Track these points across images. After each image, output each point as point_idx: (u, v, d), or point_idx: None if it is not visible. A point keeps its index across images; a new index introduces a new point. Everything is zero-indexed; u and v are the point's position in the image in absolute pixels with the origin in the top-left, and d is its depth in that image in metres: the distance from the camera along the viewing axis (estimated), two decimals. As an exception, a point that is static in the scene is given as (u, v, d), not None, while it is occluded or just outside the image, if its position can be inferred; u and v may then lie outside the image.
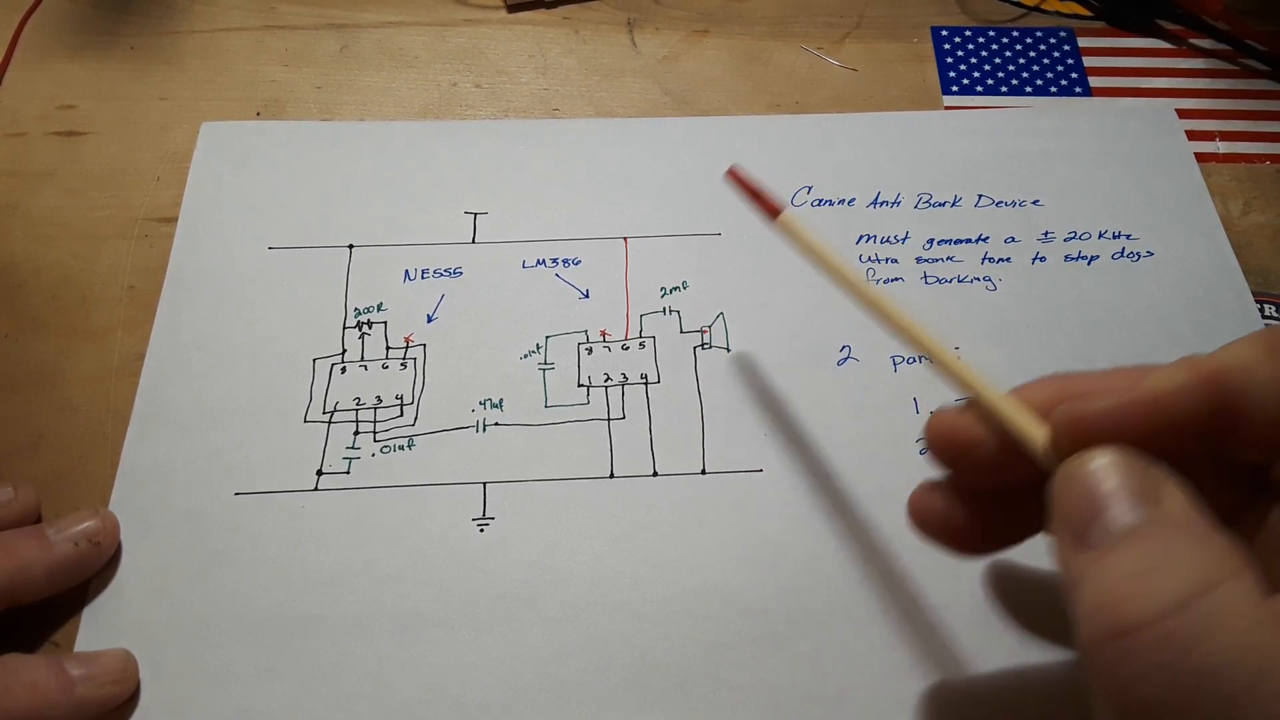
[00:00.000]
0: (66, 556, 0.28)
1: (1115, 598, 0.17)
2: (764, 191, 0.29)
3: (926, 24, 0.44)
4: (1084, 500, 0.19)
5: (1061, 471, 0.20)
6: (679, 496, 0.32)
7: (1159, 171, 0.39)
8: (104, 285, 0.36)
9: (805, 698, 0.28)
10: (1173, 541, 0.18)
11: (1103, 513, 0.19)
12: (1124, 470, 0.19)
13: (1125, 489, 0.19)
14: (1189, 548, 0.18)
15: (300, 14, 0.44)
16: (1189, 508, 0.19)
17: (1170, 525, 0.18)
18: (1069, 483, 0.20)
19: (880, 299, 0.25)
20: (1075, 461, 0.20)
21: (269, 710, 0.28)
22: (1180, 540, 0.18)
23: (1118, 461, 0.19)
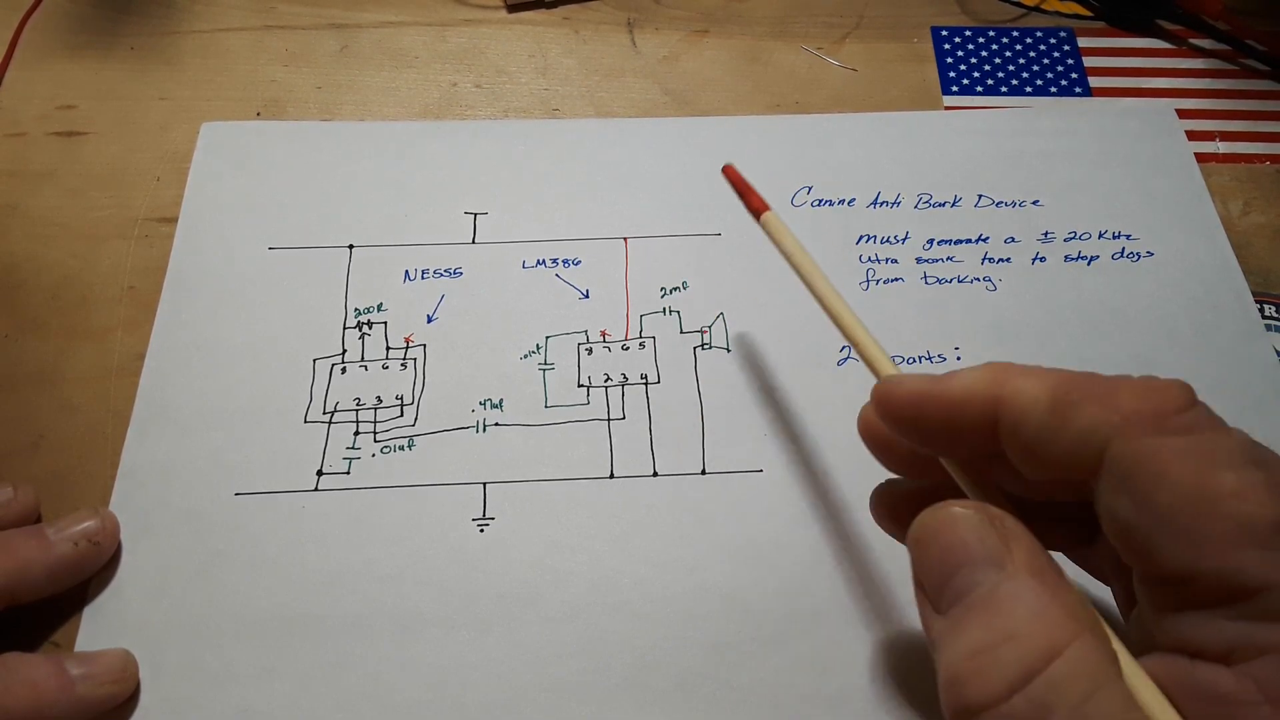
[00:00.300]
0: (66, 556, 0.28)
1: (960, 676, 0.18)
2: (753, 190, 0.30)
3: (926, 24, 0.44)
4: (935, 563, 0.20)
5: (916, 525, 0.21)
6: (679, 496, 0.32)
7: (1159, 171, 0.39)
8: (104, 285, 0.36)
9: (805, 698, 0.28)
10: (1014, 611, 0.18)
11: (951, 579, 0.19)
12: (973, 528, 0.20)
13: (973, 549, 0.19)
14: (1030, 618, 0.18)
15: (300, 14, 0.44)
16: (1033, 568, 0.19)
17: (1011, 595, 0.19)
18: (921, 540, 0.20)
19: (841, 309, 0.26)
20: (924, 518, 0.21)
21: (269, 710, 0.28)
22: (1022, 608, 0.18)
23: (967, 518, 0.20)
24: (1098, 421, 0.19)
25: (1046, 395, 0.20)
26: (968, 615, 0.19)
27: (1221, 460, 0.18)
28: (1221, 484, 0.18)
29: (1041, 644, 0.18)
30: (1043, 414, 0.20)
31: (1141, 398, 0.19)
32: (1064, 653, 0.17)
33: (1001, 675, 0.18)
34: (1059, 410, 0.20)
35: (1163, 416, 0.19)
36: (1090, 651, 0.18)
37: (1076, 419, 0.19)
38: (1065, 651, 0.17)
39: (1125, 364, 0.35)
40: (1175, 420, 0.19)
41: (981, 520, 0.20)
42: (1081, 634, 0.18)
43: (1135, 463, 0.19)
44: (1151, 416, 0.19)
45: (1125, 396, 0.19)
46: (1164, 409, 0.19)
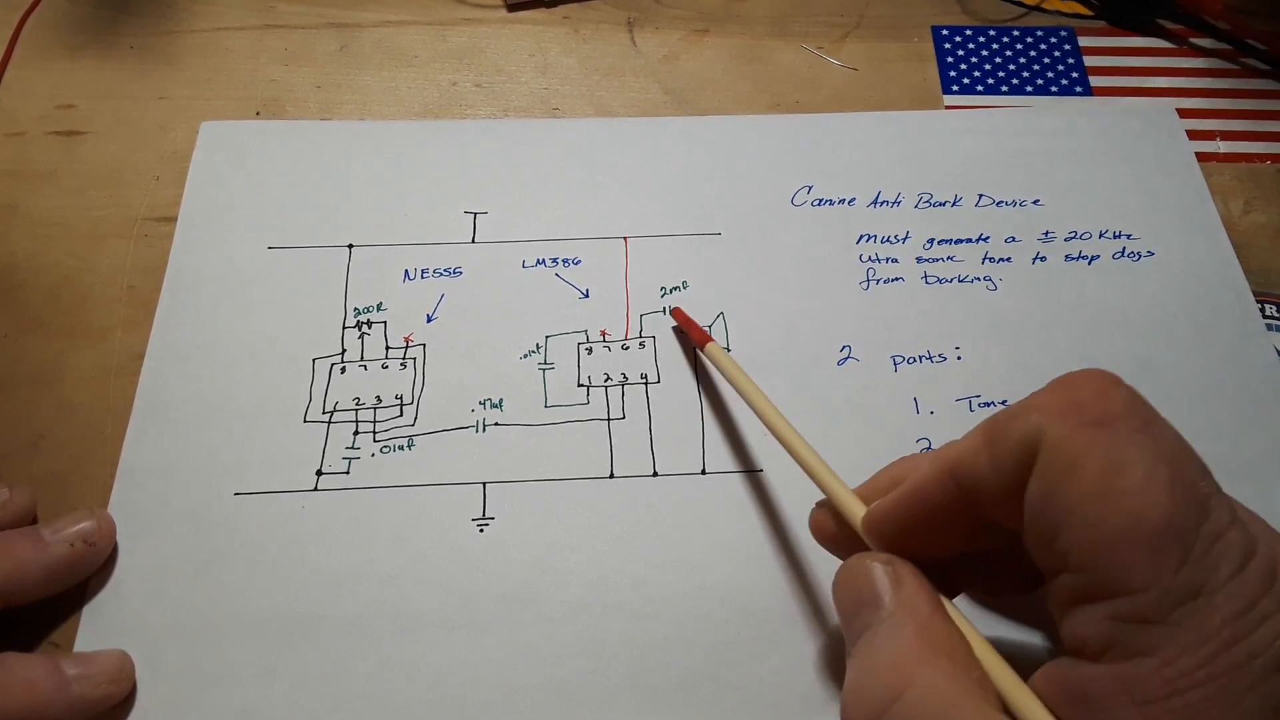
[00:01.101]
0: (62, 557, 0.28)
1: (845, 704, 0.21)
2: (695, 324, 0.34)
3: (927, 23, 0.44)
4: (843, 613, 0.23)
5: (832, 584, 0.24)
6: (679, 496, 0.31)
7: (1160, 171, 0.39)
8: (103, 285, 0.36)
9: (805, 698, 0.28)
10: (884, 645, 0.21)
11: (852, 621, 0.22)
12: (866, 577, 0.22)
13: (863, 595, 0.22)
14: (895, 650, 0.20)
15: (300, 13, 0.44)
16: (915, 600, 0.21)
17: (888, 629, 0.21)
18: (835, 595, 0.23)
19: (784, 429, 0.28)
20: (841, 569, 0.23)
21: (269, 710, 0.28)
22: (891, 643, 0.21)
23: (863, 567, 0.22)
24: (1025, 430, 0.20)
25: (980, 437, 0.21)
26: (854, 655, 0.21)
27: (1130, 455, 0.18)
28: (1125, 479, 0.18)
29: (897, 675, 0.20)
30: (983, 455, 0.21)
31: (1059, 392, 0.20)
32: (916, 682, 0.19)
33: (869, 703, 0.20)
34: (993, 441, 0.20)
35: (1079, 405, 0.19)
36: (943, 678, 0.19)
37: (1009, 439, 0.20)
38: (917, 680, 0.19)
39: (1125, 364, 0.35)
40: (1091, 407, 0.19)
41: (877, 566, 0.22)
42: (935, 662, 0.20)
43: (1052, 452, 0.19)
44: (1071, 406, 0.19)
45: (1043, 397, 0.20)
46: (1079, 398, 0.19)
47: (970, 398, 0.34)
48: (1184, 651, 0.17)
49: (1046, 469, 0.19)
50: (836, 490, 0.25)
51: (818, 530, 0.26)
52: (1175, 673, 0.17)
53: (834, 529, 0.26)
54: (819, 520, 0.26)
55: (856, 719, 0.20)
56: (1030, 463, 0.19)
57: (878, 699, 0.20)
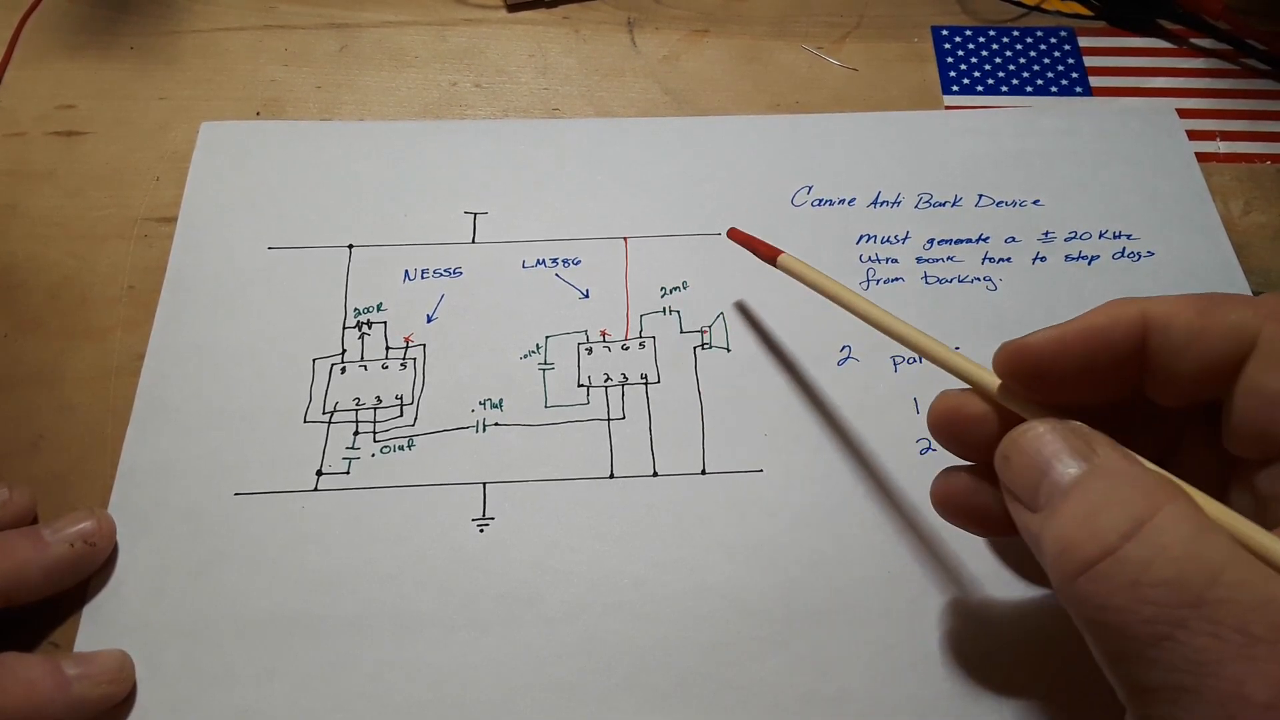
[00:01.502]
0: (62, 557, 0.28)
1: (1071, 542, 0.20)
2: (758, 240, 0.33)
3: (927, 24, 0.44)
4: (1026, 468, 0.21)
5: (1001, 447, 0.23)
6: (679, 496, 0.31)
7: (1160, 171, 0.39)
8: (103, 285, 0.36)
9: (805, 698, 0.28)
10: (1110, 485, 0.20)
11: (1045, 475, 0.21)
12: (1057, 434, 0.21)
13: (1060, 450, 0.21)
14: (1126, 487, 0.20)
15: (300, 13, 0.44)
16: (1119, 456, 0.21)
17: (1105, 473, 0.20)
18: (1009, 456, 0.22)
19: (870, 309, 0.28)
20: (1011, 435, 0.22)
21: (268, 710, 0.28)
22: (1117, 482, 0.20)
23: (1051, 428, 0.22)
24: (1245, 316, 0.21)
25: (1191, 304, 0.22)
26: (1066, 497, 0.20)
27: None
28: None
29: (1143, 502, 0.19)
30: (1190, 318, 0.21)
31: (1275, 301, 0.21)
32: (1164, 508, 0.19)
33: (1111, 527, 0.19)
34: (1207, 312, 0.21)
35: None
36: (1190, 507, 0.19)
37: (1224, 317, 0.21)
38: (1166, 507, 0.19)
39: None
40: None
41: (1064, 426, 0.21)
42: (1178, 497, 0.19)
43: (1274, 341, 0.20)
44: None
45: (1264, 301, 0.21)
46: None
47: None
48: None
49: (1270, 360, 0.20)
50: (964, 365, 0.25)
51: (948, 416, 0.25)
52: None
53: (973, 408, 0.24)
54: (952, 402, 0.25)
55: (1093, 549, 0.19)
56: (1236, 346, 0.21)
57: (1121, 524, 0.19)
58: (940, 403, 0.25)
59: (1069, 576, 0.19)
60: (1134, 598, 0.18)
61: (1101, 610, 0.19)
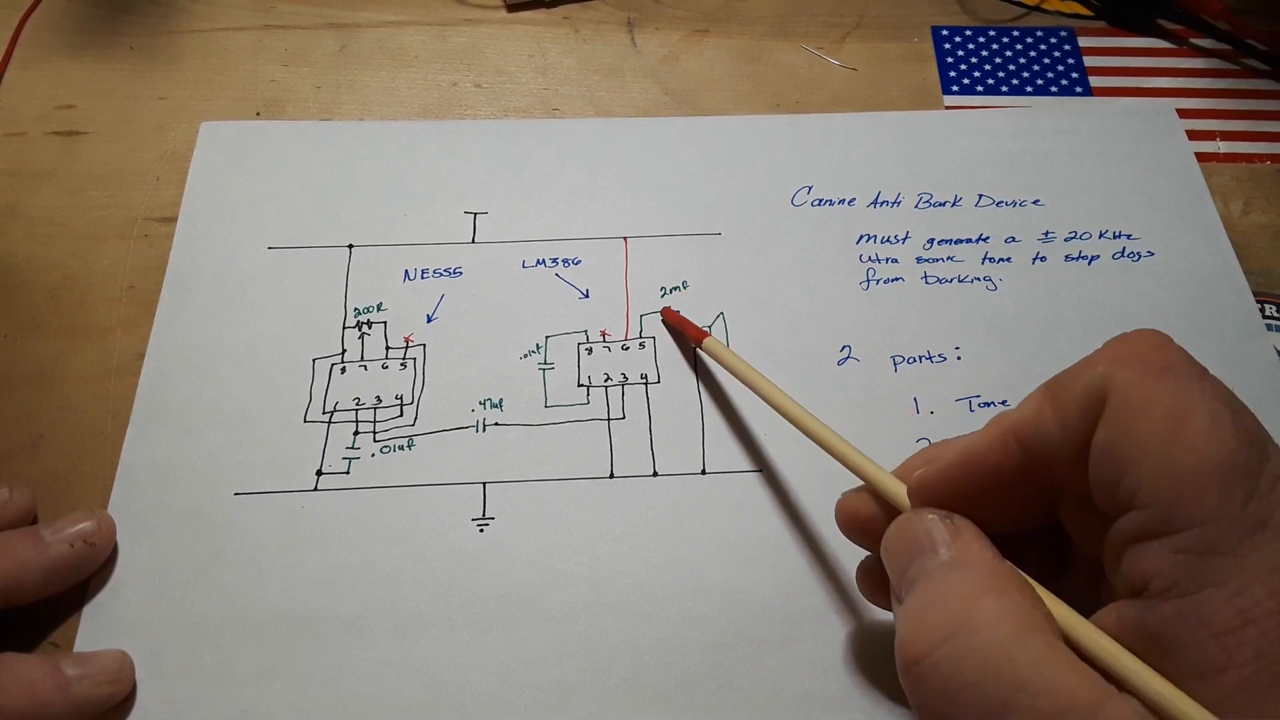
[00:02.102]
0: (62, 558, 0.28)
1: (904, 636, 0.20)
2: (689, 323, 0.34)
3: (927, 24, 0.44)
4: (896, 560, 0.22)
5: (884, 540, 0.23)
6: (679, 496, 0.32)
7: (1160, 171, 0.39)
8: (103, 285, 0.36)
9: (805, 698, 0.28)
10: (949, 580, 0.21)
11: (907, 568, 0.22)
12: (923, 526, 0.22)
13: (921, 542, 0.22)
14: (960, 581, 0.20)
15: (300, 13, 0.44)
16: (975, 547, 0.21)
17: (950, 567, 0.21)
18: (888, 546, 0.23)
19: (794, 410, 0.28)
20: (890, 529, 0.23)
21: (268, 710, 0.28)
22: (956, 578, 0.21)
23: (918, 516, 0.22)
24: (1090, 382, 0.20)
25: (1041, 397, 0.22)
26: (910, 597, 0.21)
27: (1194, 399, 0.19)
28: (1192, 420, 0.19)
29: (966, 601, 0.20)
30: (1047, 412, 0.21)
31: (1118, 346, 0.21)
32: (986, 605, 0.19)
33: (932, 629, 0.20)
34: (1057, 397, 0.21)
35: (1142, 356, 0.20)
36: (1013, 606, 0.19)
37: (1074, 391, 0.21)
38: (988, 604, 0.19)
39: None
40: (1153, 357, 0.20)
41: (935, 517, 0.22)
42: (1007, 592, 0.20)
43: (1121, 397, 0.20)
44: (1133, 357, 0.20)
45: (1103, 353, 0.21)
46: (1140, 350, 0.21)
47: (970, 398, 0.34)
48: (1254, 580, 0.17)
49: (1115, 414, 0.20)
50: (870, 470, 0.25)
51: (849, 517, 0.25)
52: (1248, 601, 0.17)
53: (869, 513, 0.25)
54: (850, 506, 0.25)
55: (916, 648, 0.20)
56: (1096, 412, 0.20)
57: (942, 624, 0.19)
58: (840, 505, 0.26)
59: (901, 670, 0.20)
60: (945, 700, 0.19)
61: (922, 709, 0.20)
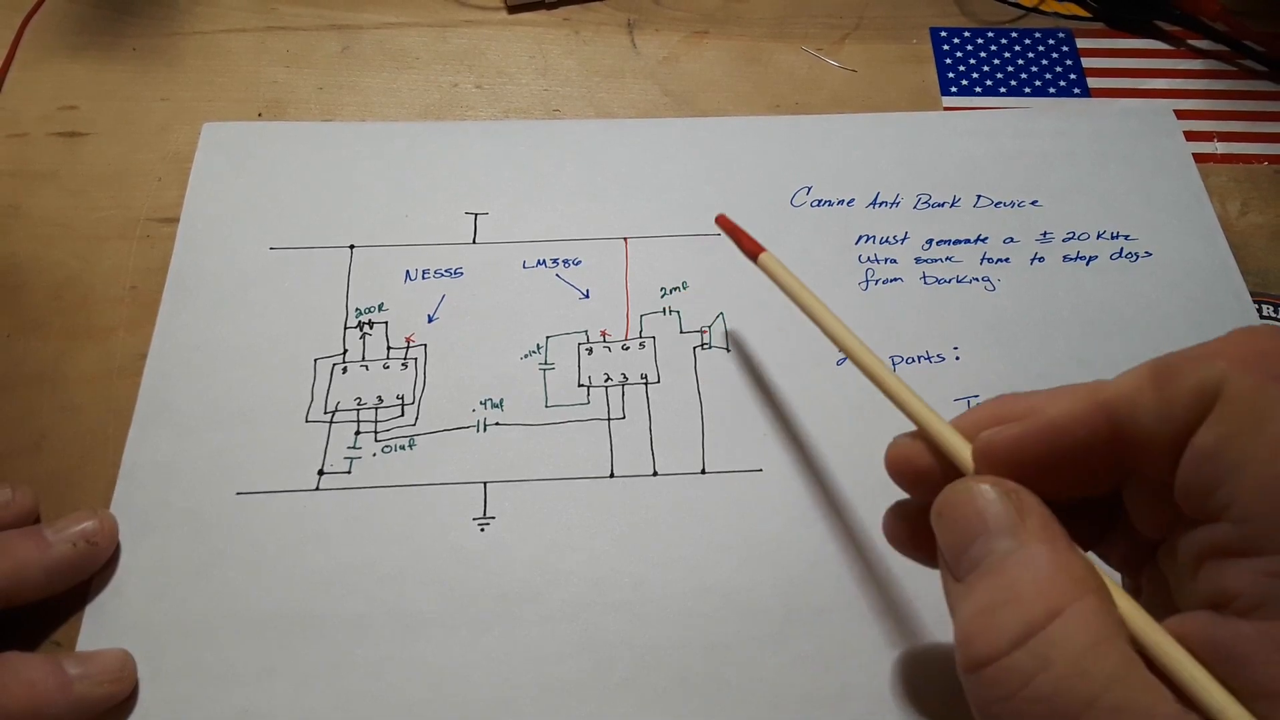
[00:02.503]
0: (64, 557, 0.28)
1: (969, 633, 0.19)
2: (745, 234, 0.32)
3: (926, 25, 0.44)
4: (955, 530, 0.21)
5: (936, 503, 0.22)
6: (679, 496, 0.32)
7: (1157, 172, 0.39)
8: (105, 285, 0.36)
9: (805, 697, 0.28)
10: (1021, 576, 0.19)
11: (969, 546, 0.20)
12: (989, 498, 0.20)
13: (989, 518, 0.20)
14: (1035, 580, 0.19)
15: (301, 15, 0.44)
16: (1045, 537, 0.20)
17: (1021, 560, 0.20)
18: (943, 514, 0.21)
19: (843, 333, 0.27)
20: (945, 493, 0.21)
21: (269, 710, 0.28)
22: (1028, 573, 0.19)
23: (984, 489, 0.21)
24: (1205, 376, 0.19)
25: (1146, 377, 0.20)
26: (980, 580, 0.20)
27: None
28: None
29: (1042, 605, 0.18)
30: (1149, 395, 0.20)
31: (1243, 342, 0.19)
32: (1064, 612, 0.18)
33: (1004, 631, 0.18)
34: (1164, 383, 0.20)
35: (1266, 357, 0.19)
36: (1091, 612, 0.18)
37: (1185, 382, 0.19)
38: (1066, 611, 0.18)
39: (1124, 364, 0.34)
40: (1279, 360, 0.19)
41: (998, 492, 0.20)
42: (1084, 596, 0.18)
43: (1236, 401, 0.18)
44: (1257, 356, 0.19)
45: (1224, 345, 0.19)
46: (1266, 349, 0.19)
47: (969, 398, 0.34)
48: None
49: (1227, 416, 0.18)
50: (932, 421, 0.23)
51: (901, 464, 0.24)
52: None
53: (924, 464, 0.23)
54: (904, 453, 0.24)
55: (984, 650, 0.19)
56: (1205, 409, 0.19)
57: (1015, 627, 0.18)
58: (894, 449, 0.24)
59: (963, 669, 0.19)
60: (1012, 710, 0.18)
61: (984, 711, 0.19)
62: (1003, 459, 0.21)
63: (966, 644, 0.19)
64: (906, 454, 0.24)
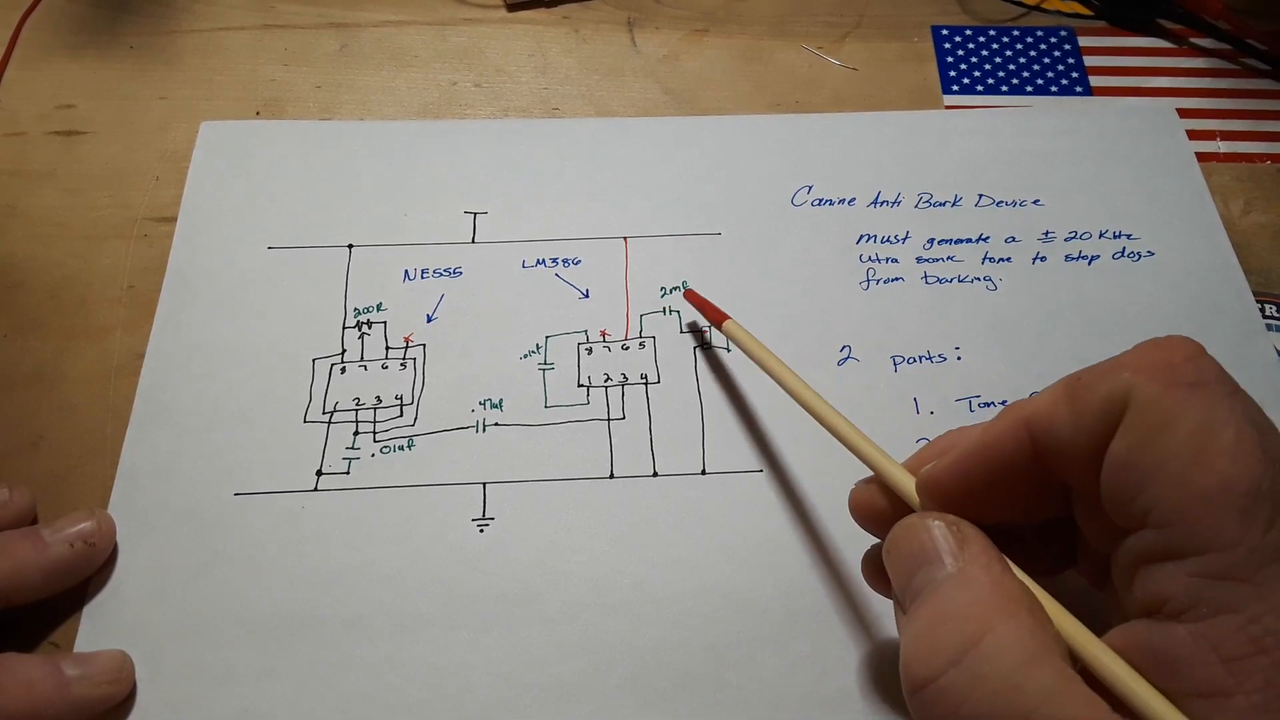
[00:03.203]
0: (62, 558, 0.28)
1: (909, 657, 0.20)
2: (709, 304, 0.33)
3: (927, 23, 0.44)
4: (899, 567, 0.22)
5: (885, 542, 0.22)
6: (679, 496, 0.32)
7: (1160, 171, 0.39)
8: (103, 285, 0.36)
9: (805, 698, 0.28)
10: (957, 597, 0.20)
11: (913, 577, 0.21)
12: (931, 528, 0.21)
13: (928, 552, 0.21)
14: (970, 601, 0.20)
15: (300, 13, 0.44)
16: (983, 560, 0.20)
17: (958, 582, 0.20)
18: (890, 550, 0.22)
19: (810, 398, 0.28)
20: (898, 527, 0.22)
21: (268, 710, 0.28)
22: (964, 595, 0.20)
23: (925, 521, 0.22)
24: (1113, 387, 0.19)
25: (1060, 392, 0.21)
26: (920, 606, 0.20)
27: (1222, 418, 0.19)
28: (1218, 440, 0.18)
29: (975, 624, 0.19)
30: (1063, 409, 0.20)
31: (1150, 352, 0.20)
32: (996, 630, 0.19)
33: (940, 651, 0.19)
34: (1076, 396, 0.20)
35: (1172, 366, 0.19)
36: (1024, 630, 0.19)
37: (1094, 394, 0.20)
38: (998, 629, 0.19)
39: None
40: (1184, 368, 0.19)
41: (939, 525, 0.21)
42: (1017, 614, 0.19)
43: (1144, 409, 0.19)
44: (1163, 366, 0.19)
45: (1132, 356, 0.20)
46: (1171, 360, 0.19)
47: (970, 398, 0.34)
48: (1270, 610, 0.17)
49: (1136, 425, 0.19)
50: (881, 462, 0.24)
51: (862, 508, 0.25)
52: (1261, 630, 0.17)
53: (881, 505, 0.24)
54: (863, 497, 0.25)
55: (923, 670, 0.19)
56: (1115, 419, 0.19)
57: (950, 647, 0.19)
58: (853, 495, 0.25)
59: (906, 693, 0.20)
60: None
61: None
62: (944, 489, 0.22)
63: (907, 667, 0.20)
64: (865, 498, 0.25)
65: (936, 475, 0.22)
